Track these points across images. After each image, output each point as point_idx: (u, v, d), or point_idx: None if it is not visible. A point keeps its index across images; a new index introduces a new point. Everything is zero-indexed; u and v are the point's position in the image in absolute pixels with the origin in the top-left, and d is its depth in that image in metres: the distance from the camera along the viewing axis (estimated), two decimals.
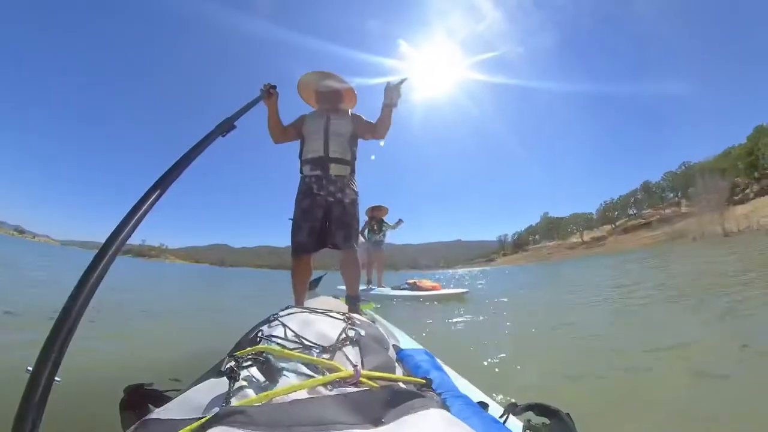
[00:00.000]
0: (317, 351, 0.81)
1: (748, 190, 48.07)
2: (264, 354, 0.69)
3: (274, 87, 2.12)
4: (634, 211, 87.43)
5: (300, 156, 2.31)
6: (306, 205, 2.20)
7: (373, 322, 1.26)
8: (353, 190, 2.31)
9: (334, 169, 2.23)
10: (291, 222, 2.27)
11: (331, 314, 1.05)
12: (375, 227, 7.05)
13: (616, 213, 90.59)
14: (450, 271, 74.11)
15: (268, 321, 0.99)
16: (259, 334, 0.87)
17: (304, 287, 2.28)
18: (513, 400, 0.76)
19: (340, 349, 0.83)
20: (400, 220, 7.14)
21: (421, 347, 1.36)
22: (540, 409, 0.71)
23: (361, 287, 5.70)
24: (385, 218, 7.23)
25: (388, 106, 2.15)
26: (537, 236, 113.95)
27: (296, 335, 0.85)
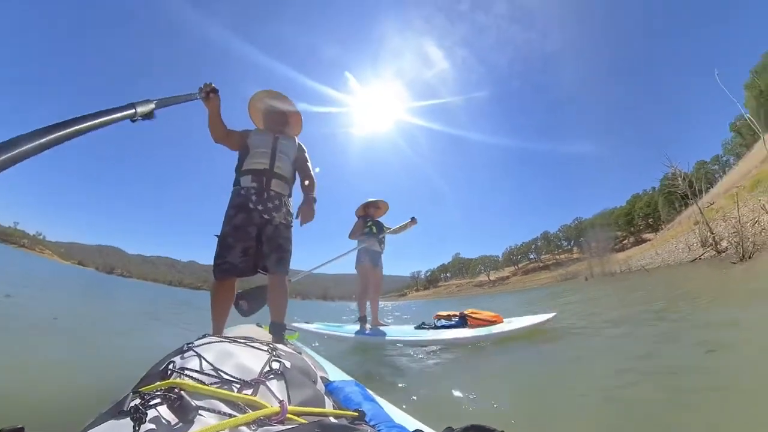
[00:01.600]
0: (238, 386, 0.71)
1: (625, 241, 65.36)
2: (176, 390, 0.61)
3: (216, 90, 2.02)
4: (535, 256, 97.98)
5: (239, 167, 2.22)
6: (240, 221, 2.07)
7: (299, 353, 1.19)
8: (290, 212, 2.24)
9: (276, 185, 2.17)
10: (217, 239, 2.09)
11: (253, 344, 0.94)
12: (369, 232, 4.44)
13: (519, 257, 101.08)
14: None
15: (180, 351, 0.87)
16: (171, 367, 0.76)
17: (225, 314, 2.10)
18: (449, 426, 0.67)
19: (263, 383, 0.74)
20: (413, 219, 4.53)
21: (350, 378, 1.33)
22: (476, 431, 0.65)
23: (352, 327, 4.25)
24: (381, 219, 4.72)
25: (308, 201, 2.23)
26: (448, 274, 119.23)
27: (214, 368, 0.75)
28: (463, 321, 3.47)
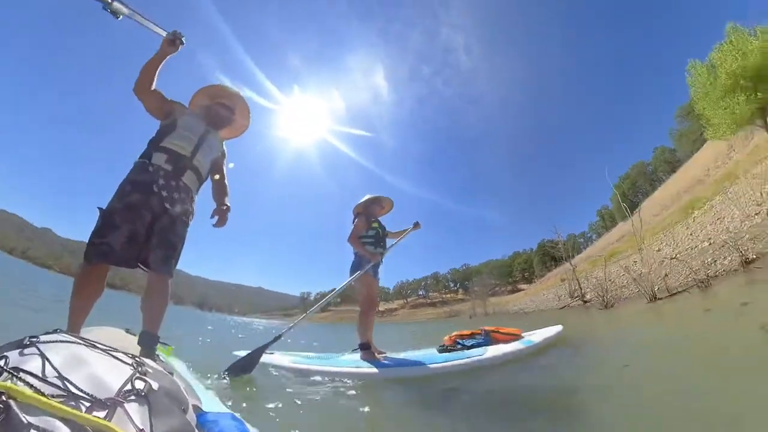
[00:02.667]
0: (88, 404, 0.54)
1: (503, 289, 73.34)
2: (3, 397, 0.46)
3: (182, 43, 1.87)
4: (423, 293, 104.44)
5: (155, 141, 1.91)
6: (135, 201, 1.74)
7: (171, 373, 0.92)
8: (192, 211, 1.96)
9: (189, 178, 1.93)
10: (99, 213, 1.72)
11: (115, 354, 0.74)
12: (376, 234, 3.47)
13: (409, 291, 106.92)
14: (245, 318, 66.39)
15: (19, 345, 0.64)
16: (2, 364, 0.57)
17: (87, 307, 1.68)
18: None
19: (121, 404, 0.58)
20: (417, 224, 3.81)
21: (227, 410, 1.17)
22: None
23: (351, 358, 3.16)
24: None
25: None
26: (339, 299, 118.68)
27: (60, 376, 0.57)
28: (488, 337, 3.25)
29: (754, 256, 4.67)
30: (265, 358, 2.95)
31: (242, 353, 2.99)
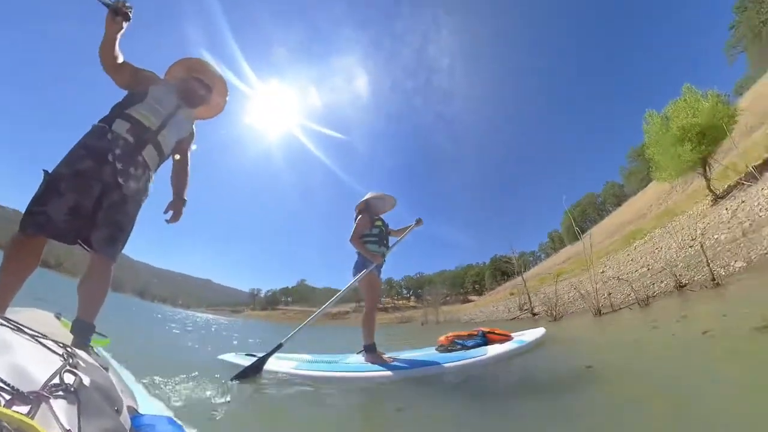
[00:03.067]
0: (8, 396, 0.48)
1: (454, 298, 75.31)
2: None
3: (128, 10, 1.62)
4: None
5: (120, 106, 1.75)
6: (86, 168, 1.54)
7: (105, 368, 0.93)
8: (147, 190, 1.80)
9: (149, 153, 1.76)
10: (44, 176, 1.51)
11: (44, 341, 0.66)
12: (380, 232, 3.38)
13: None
14: (190, 312, 63.00)
15: None
16: None
17: (17, 284, 1.46)
18: None
19: (47, 399, 0.51)
20: (419, 221, 3.70)
21: (165, 413, 1.10)
22: None
23: (356, 360, 3.09)
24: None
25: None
26: (290, 299, 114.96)
27: None
28: (484, 338, 3.45)
29: (687, 282, 5.21)
30: (275, 364, 2.90)
31: (233, 358, 3.19)
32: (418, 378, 2.55)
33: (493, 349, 3.06)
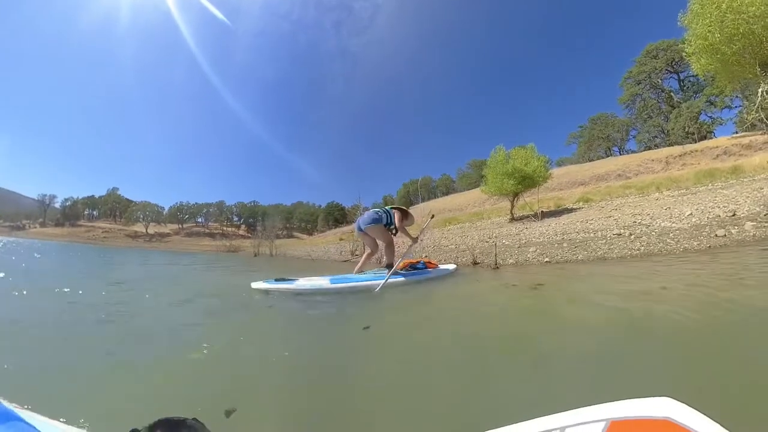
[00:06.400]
0: None
1: (282, 233, 74.13)
2: None
3: None
4: (202, 220, 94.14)
5: None
6: None
7: None
8: None
9: None
10: None
11: None
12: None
13: (187, 216, 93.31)
14: None
15: None
16: None
17: None
18: (133, 428, 0.65)
19: None
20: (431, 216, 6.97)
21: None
22: (165, 426, 0.61)
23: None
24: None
25: None
26: (95, 212, 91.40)
27: None
28: (424, 264, 5.47)
29: (479, 262, 7.35)
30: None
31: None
32: (410, 281, 4.90)
33: (435, 271, 5.44)
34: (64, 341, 2.41)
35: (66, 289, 4.37)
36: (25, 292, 4.16)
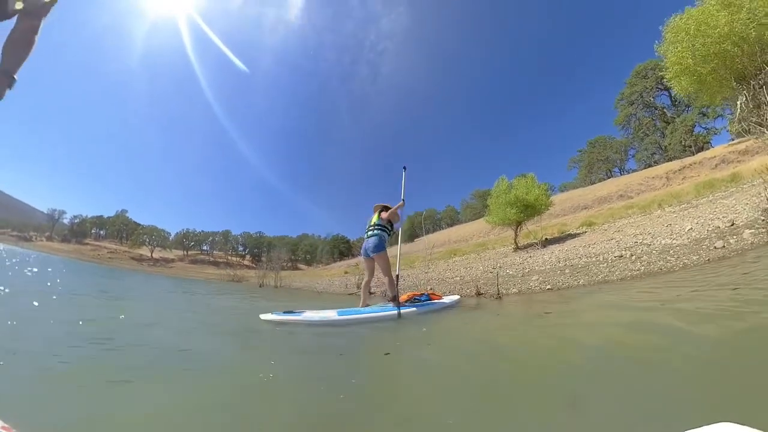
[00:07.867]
0: None
1: (286, 264, 74.41)
2: None
3: None
4: (208, 248, 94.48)
5: None
6: None
7: None
8: None
9: None
10: None
11: None
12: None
13: (192, 243, 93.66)
14: None
15: None
16: None
17: None
18: None
19: None
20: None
21: None
22: None
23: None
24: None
25: None
26: (103, 231, 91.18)
27: None
28: (428, 296, 5.69)
29: (483, 292, 7.51)
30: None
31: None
32: (418, 311, 5.14)
33: (439, 303, 5.60)
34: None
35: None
36: None
